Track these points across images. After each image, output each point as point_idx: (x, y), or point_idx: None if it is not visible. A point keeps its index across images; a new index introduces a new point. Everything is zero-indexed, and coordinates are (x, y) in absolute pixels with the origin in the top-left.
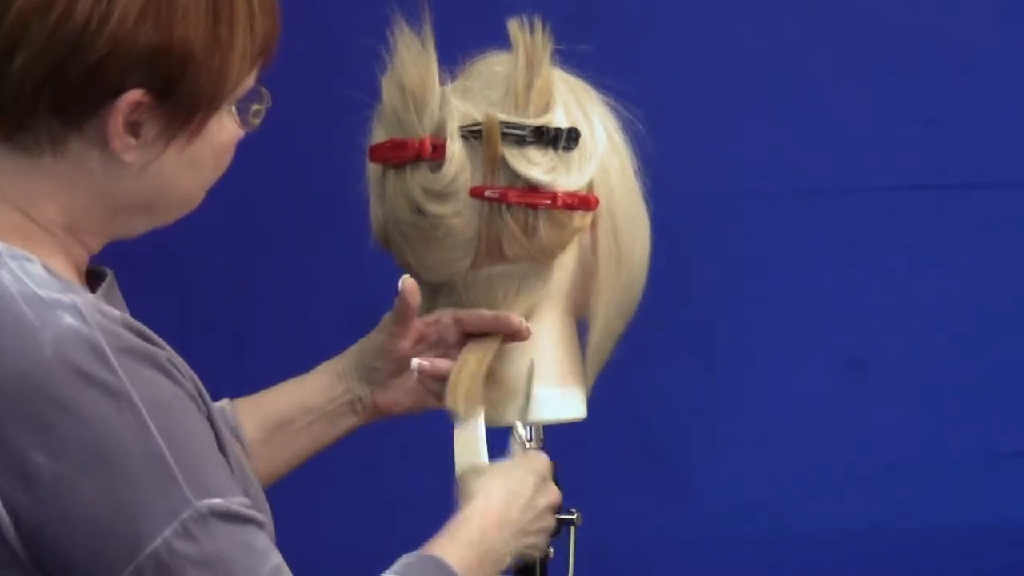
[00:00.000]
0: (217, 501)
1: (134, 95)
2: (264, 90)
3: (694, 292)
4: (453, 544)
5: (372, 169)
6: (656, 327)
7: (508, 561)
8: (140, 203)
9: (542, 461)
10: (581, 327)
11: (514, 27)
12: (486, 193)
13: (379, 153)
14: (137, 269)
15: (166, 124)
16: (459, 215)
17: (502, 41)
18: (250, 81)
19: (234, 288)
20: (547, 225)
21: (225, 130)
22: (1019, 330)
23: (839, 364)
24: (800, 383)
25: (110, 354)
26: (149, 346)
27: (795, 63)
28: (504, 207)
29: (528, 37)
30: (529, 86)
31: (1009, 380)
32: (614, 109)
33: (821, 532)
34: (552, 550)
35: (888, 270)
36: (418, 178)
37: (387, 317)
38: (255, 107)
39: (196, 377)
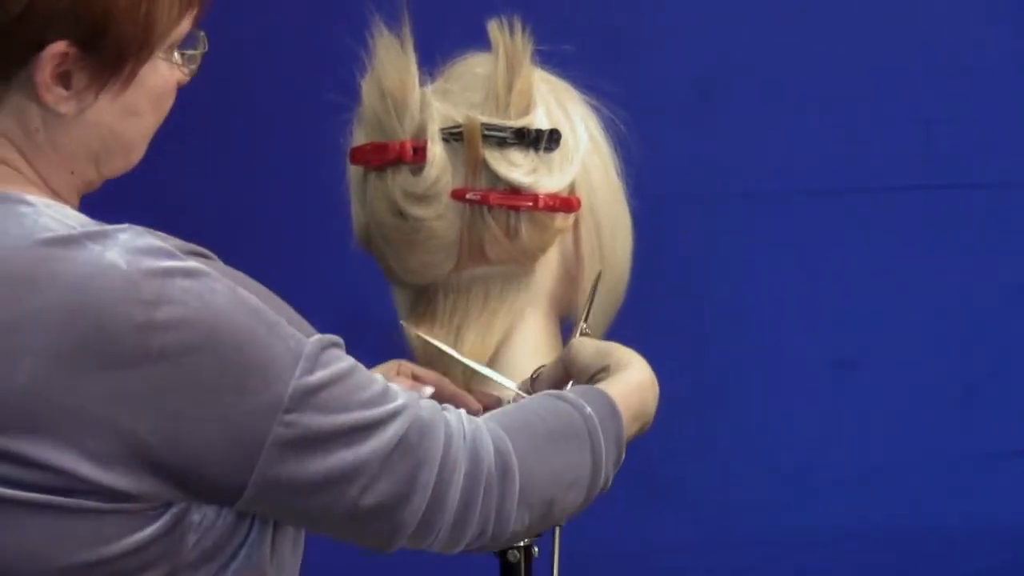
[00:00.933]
0: (319, 336)
1: (58, 47)
2: (202, 35)
3: (684, 292)
4: (622, 394)
5: (353, 171)
6: (645, 327)
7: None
8: (85, 153)
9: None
10: (564, 327)
11: (494, 28)
12: (467, 195)
13: (360, 156)
14: None
15: (95, 73)
16: (441, 218)
17: (482, 42)
18: (184, 27)
19: None
20: (529, 227)
21: (160, 77)
22: (1013, 330)
23: (832, 364)
24: (793, 383)
25: (175, 250)
26: (192, 245)
27: (789, 62)
28: (486, 209)
29: (508, 38)
30: (509, 87)
31: (1004, 380)
32: (596, 109)
33: (812, 533)
34: (536, 550)
35: (883, 270)
36: (399, 181)
37: None
38: (190, 53)
39: None
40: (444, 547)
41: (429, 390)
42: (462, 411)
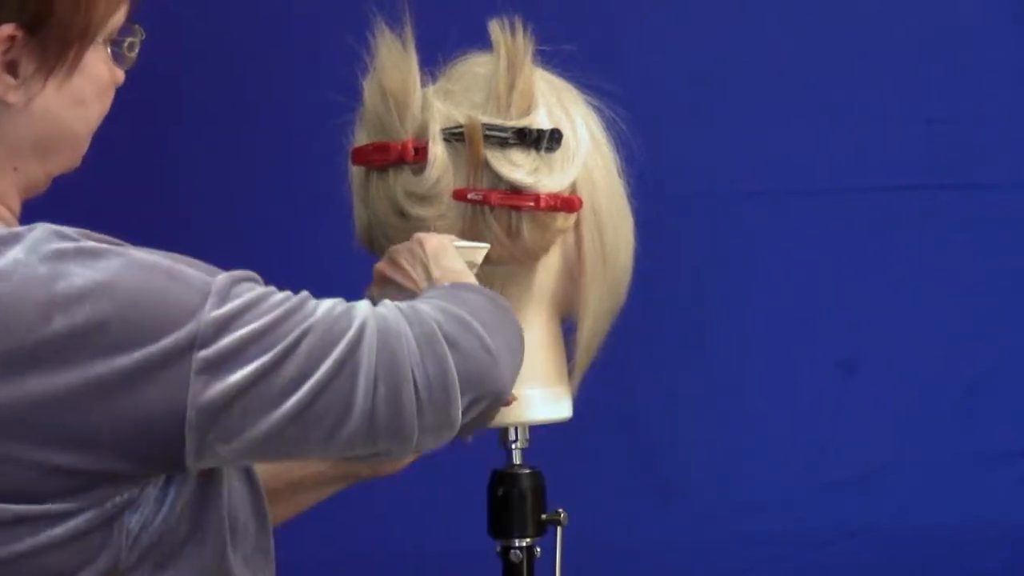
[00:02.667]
0: (229, 272)
1: (6, 30)
2: (137, 26)
3: (686, 292)
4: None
5: (355, 172)
6: (646, 327)
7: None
8: (32, 146)
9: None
10: (566, 328)
11: (495, 28)
12: (469, 196)
13: (362, 156)
14: None
15: (41, 59)
16: (442, 218)
17: (483, 42)
18: (120, 17)
19: None
20: (530, 227)
21: (103, 64)
22: (1014, 330)
23: (834, 364)
24: (794, 382)
25: (72, 233)
26: (96, 234)
27: (790, 62)
28: (487, 209)
29: (509, 38)
30: (511, 87)
31: (1004, 380)
32: (597, 109)
33: (813, 533)
34: (539, 550)
35: (883, 270)
36: (401, 181)
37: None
38: (129, 40)
39: None
40: (438, 422)
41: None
42: (393, 303)
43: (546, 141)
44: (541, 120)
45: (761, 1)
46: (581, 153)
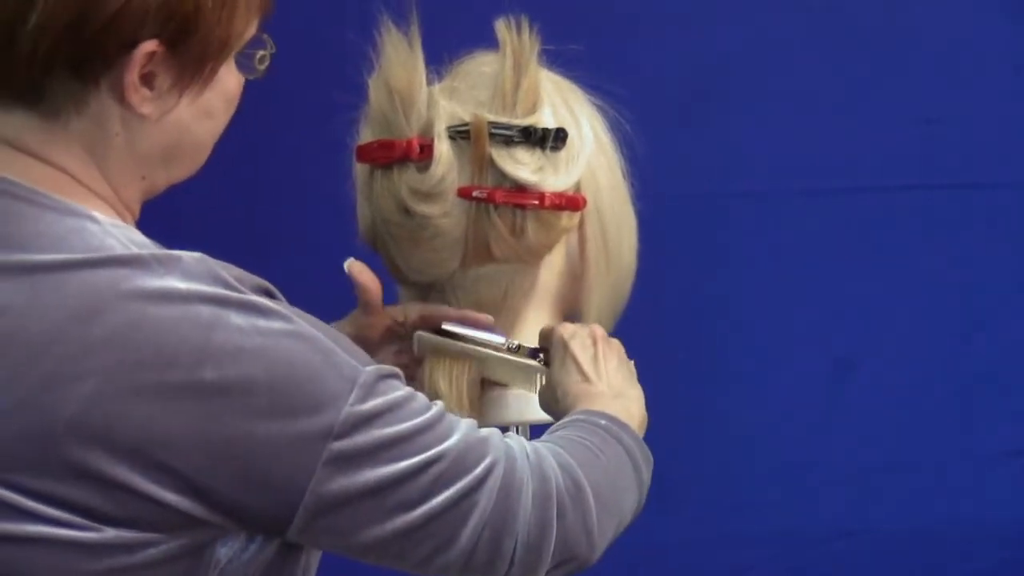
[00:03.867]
0: (375, 366)
1: (148, 46)
2: (267, 37)
3: (685, 291)
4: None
5: (360, 169)
6: (645, 327)
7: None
8: (160, 155)
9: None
10: None
11: (501, 27)
12: (474, 193)
13: (367, 153)
14: None
15: (179, 74)
16: (447, 215)
17: (489, 41)
18: (253, 29)
19: None
20: (535, 225)
21: (234, 77)
22: (1013, 329)
23: (831, 363)
24: (792, 382)
25: (233, 281)
26: (258, 279)
27: (790, 62)
28: (492, 207)
29: (515, 37)
30: (516, 86)
31: (1004, 380)
32: (601, 109)
33: (812, 533)
34: None
35: (882, 269)
36: (406, 178)
37: (355, 312)
38: (260, 54)
39: None
40: (524, 574)
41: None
42: (522, 438)
43: (551, 140)
44: (546, 119)
45: (762, 2)
46: (585, 153)
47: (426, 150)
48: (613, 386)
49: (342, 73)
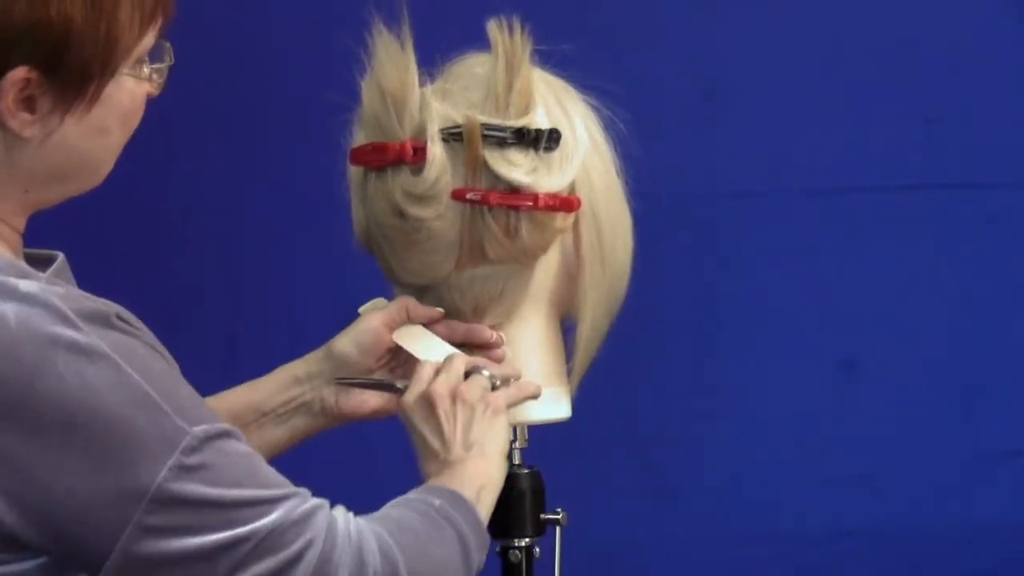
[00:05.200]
0: (207, 426)
1: (19, 73)
2: (167, 46)
3: (685, 292)
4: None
5: (353, 172)
6: (646, 326)
7: (497, 447)
8: (49, 174)
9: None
10: (565, 328)
11: (493, 28)
12: (468, 195)
13: (360, 156)
14: (130, 272)
15: (59, 96)
16: (441, 218)
17: (481, 42)
18: (148, 42)
19: (226, 291)
20: (529, 226)
21: (127, 93)
22: (1014, 330)
23: (833, 364)
24: (793, 383)
25: (71, 315)
26: (100, 306)
27: (790, 61)
28: (486, 209)
29: (507, 38)
30: (509, 87)
31: (1004, 380)
32: (596, 108)
33: (813, 532)
34: (538, 550)
35: (883, 270)
36: (399, 181)
37: (360, 339)
38: (156, 66)
39: (146, 328)
40: None
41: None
42: (350, 514)
43: (544, 141)
44: (539, 120)
45: (762, 2)
46: (580, 153)
47: (419, 152)
48: (467, 446)
49: (334, 75)
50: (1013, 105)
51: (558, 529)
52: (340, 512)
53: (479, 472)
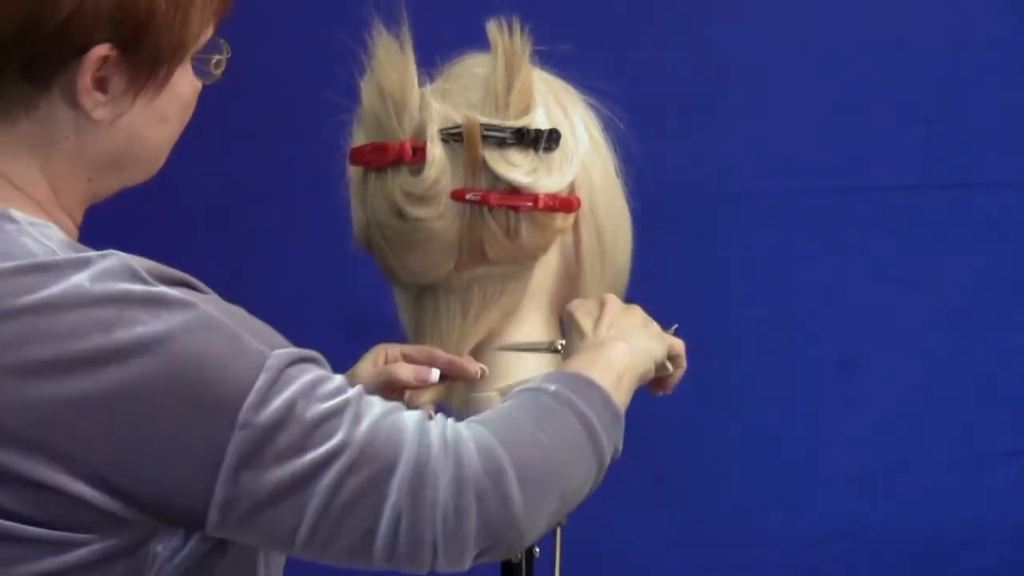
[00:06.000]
0: (286, 349)
1: (101, 50)
2: (223, 41)
3: (685, 292)
4: (586, 363)
5: (353, 172)
6: None
7: (645, 347)
8: (111, 160)
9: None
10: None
11: (493, 28)
12: (467, 196)
13: (359, 156)
14: None
15: (132, 78)
16: (440, 218)
17: (481, 42)
18: (209, 33)
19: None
20: (529, 227)
21: (188, 82)
22: (1012, 330)
23: (833, 364)
24: (791, 383)
25: (144, 274)
26: (174, 271)
27: (789, 61)
28: (486, 209)
29: (507, 38)
30: (509, 87)
31: (1002, 380)
32: (595, 108)
33: (813, 533)
34: (538, 550)
35: (882, 270)
36: (399, 181)
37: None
38: (216, 58)
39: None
40: (450, 563)
41: (435, 374)
42: (449, 420)
43: (544, 141)
44: (539, 120)
45: (760, 1)
46: (579, 153)
47: (419, 153)
48: (603, 336)
49: (334, 75)
50: (1013, 105)
51: (558, 529)
52: (437, 419)
53: (618, 357)
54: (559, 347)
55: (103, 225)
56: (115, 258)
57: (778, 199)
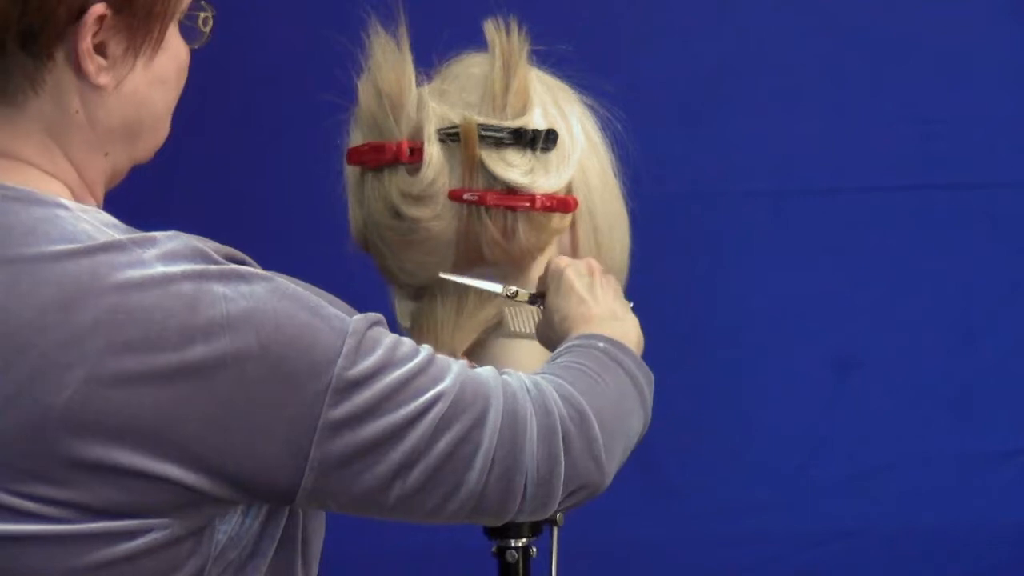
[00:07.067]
0: (361, 315)
1: (98, 9)
2: (204, 2)
3: (684, 291)
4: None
5: (350, 172)
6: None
7: (634, 322)
8: (122, 129)
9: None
10: None
11: (490, 28)
12: (464, 196)
13: (357, 156)
14: None
15: (130, 37)
16: (438, 218)
17: (478, 42)
18: None
19: None
20: (526, 227)
21: (181, 42)
22: (1010, 329)
23: (831, 363)
24: (790, 382)
25: (212, 253)
26: (232, 249)
27: (787, 62)
28: (483, 209)
29: (504, 38)
30: (506, 88)
31: (1003, 380)
32: (592, 108)
33: (812, 532)
34: (535, 550)
35: (882, 269)
36: (396, 181)
37: None
38: (203, 15)
39: None
40: (535, 509)
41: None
42: (520, 372)
43: (542, 141)
44: (537, 120)
45: (759, 1)
46: (577, 153)
47: (416, 153)
48: (610, 310)
49: (331, 75)
50: (1011, 105)
51: (555, 529)
52: (510, 371)
53: (620, 332)
54: (514, 293)
55: None
56: (180, 239)
57: (775, 199)
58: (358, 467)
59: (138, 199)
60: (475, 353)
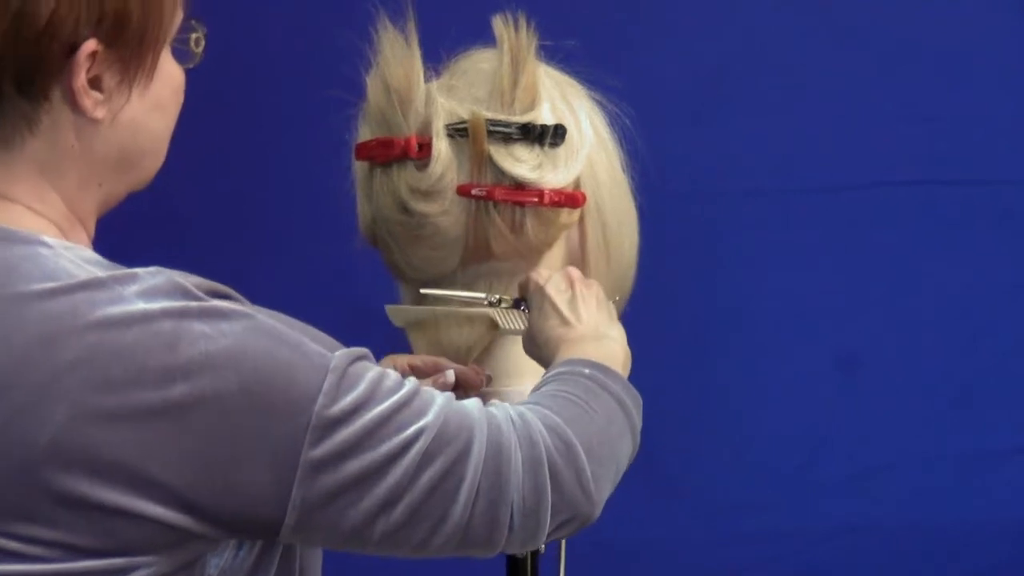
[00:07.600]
0: (344, 350)
1: (90, 45)
2: (195, 21)
3: (686, 289)
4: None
5: (359, 167)
6: (647, 323)
7: (621, 334)
8: (119, 159)
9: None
10: None
11: (499, 23)
12: (473, 191)
13: (365, 152)
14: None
15: (123, 70)
16: (446, 213)
17: (487, 38)
18: (180, 15)
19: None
20: (534, 222)
21: (175, 66)
22: (1013, 327)
23: (833, 362)
24: (793, 380)
25: (194, 289)
26: (216, 284)
27: (792, 59)
28: (491, 205)
29: (513, 33)
30: (515, 83)
31: (1004, 379)
32: (601, 104)
33: (813, 532)
34: (543, 547)
35: (884, 268)
36: (404, 176)
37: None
38: (194, 36)
39: None
40: (525, 541)
41: (451, 374)
42: (506, 404)
43: (550, 137)
44: (545, 116)
45: (764, 0)
46: (585, 149)
47: (425, 148)
48: (593, 327)
49: (340, 71)
50: (1012, 103)
51: None
52: (496, 403)
53: (605, 353)
54: (496, 301)
55: (104, 225)
56: (163, 275)
57: (779, 196)
58: (341, 504)
59: (144, 200)
60: (480, 351)
